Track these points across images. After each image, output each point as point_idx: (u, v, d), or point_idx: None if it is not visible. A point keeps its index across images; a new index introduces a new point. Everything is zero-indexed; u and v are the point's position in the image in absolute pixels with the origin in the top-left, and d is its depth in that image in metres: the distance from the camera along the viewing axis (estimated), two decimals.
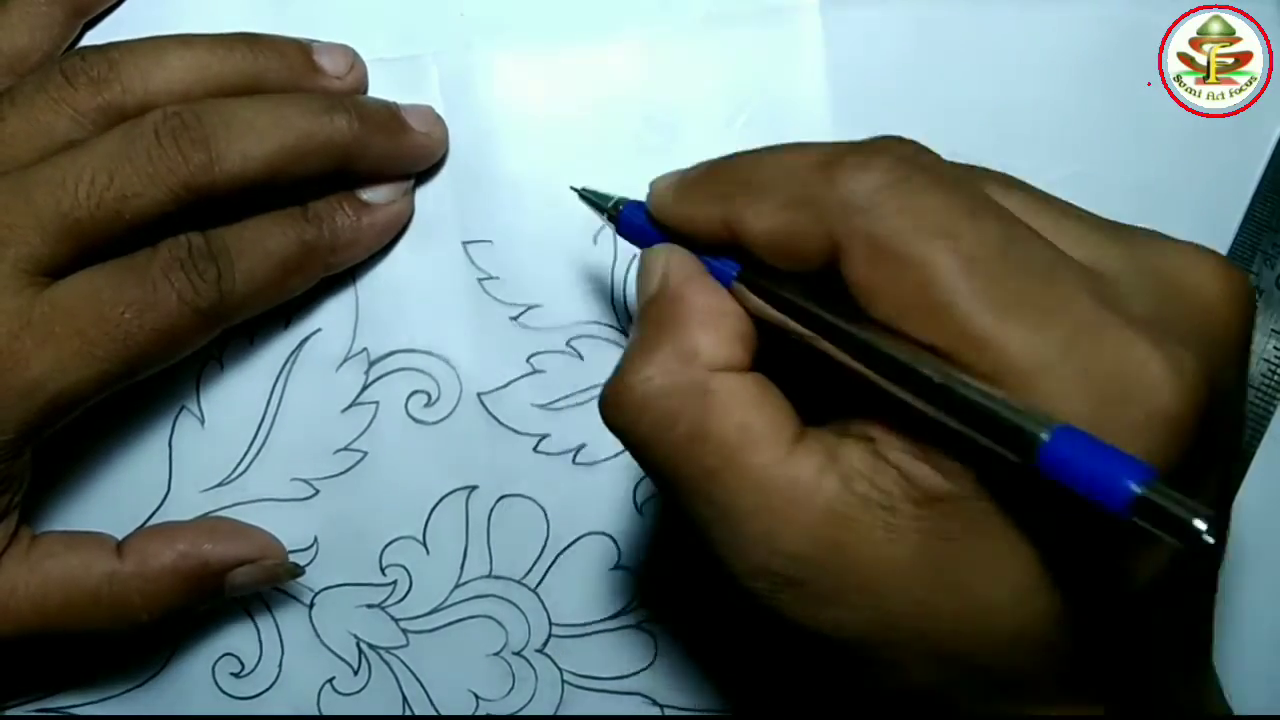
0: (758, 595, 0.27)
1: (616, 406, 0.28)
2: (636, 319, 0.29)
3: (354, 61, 0.37)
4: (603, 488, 0.39)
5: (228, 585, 0.37)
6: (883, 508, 0.25)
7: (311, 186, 0.36)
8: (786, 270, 0.27)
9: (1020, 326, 0.23)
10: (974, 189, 0.26)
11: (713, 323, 0.27)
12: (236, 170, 0.33)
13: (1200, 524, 0.20)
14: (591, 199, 0.33)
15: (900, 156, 0.25)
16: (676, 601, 0.40)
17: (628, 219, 0.32)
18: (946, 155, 0.27)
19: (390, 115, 0.36)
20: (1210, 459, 0.25)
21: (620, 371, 0.28)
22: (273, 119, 0.33)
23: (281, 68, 0.35)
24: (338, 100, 0.35)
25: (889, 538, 0.25)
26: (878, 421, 0.26)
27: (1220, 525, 0.26)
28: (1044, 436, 0.22)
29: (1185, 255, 0.26)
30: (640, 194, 0.31)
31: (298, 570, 0.39)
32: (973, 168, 0.28)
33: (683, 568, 0.39)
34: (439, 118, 0.38)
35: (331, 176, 0.35)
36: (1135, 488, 0.20)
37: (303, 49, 0.36)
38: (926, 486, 0.25)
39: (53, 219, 0.32)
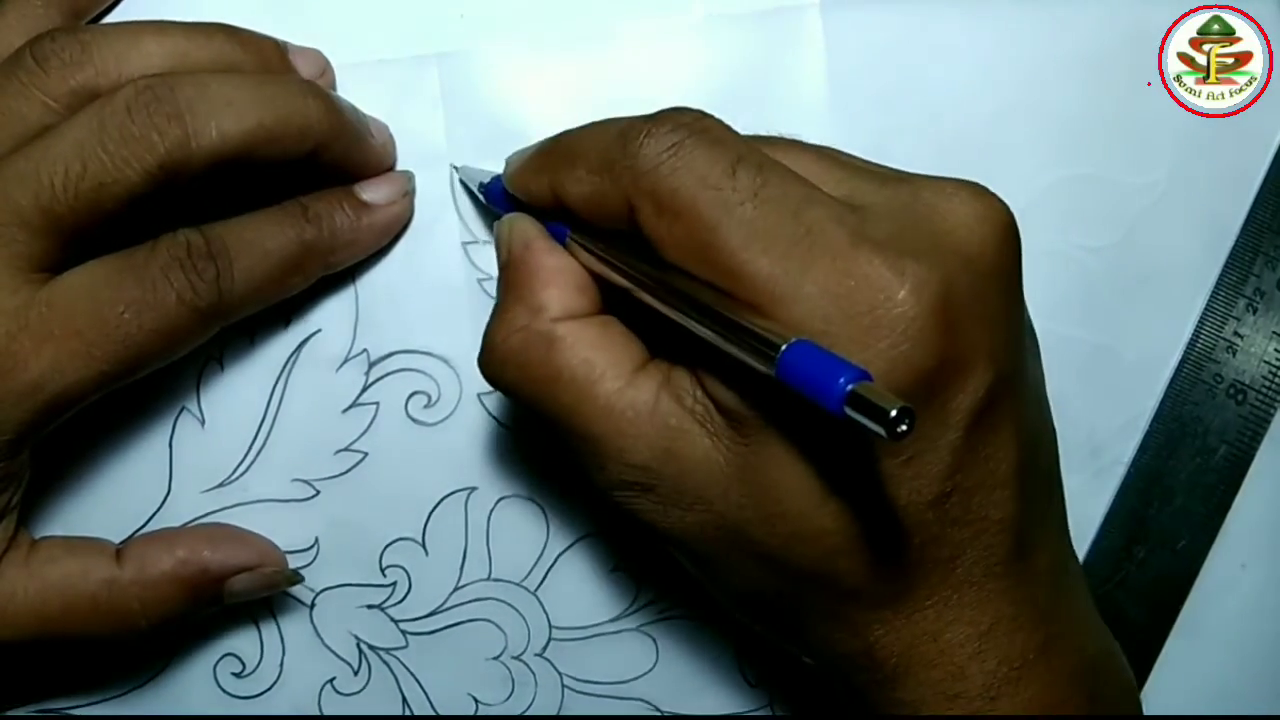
0: (620, 504, 0.31)
1: (486, 364, 0.32)
2: (497, 280, 0.34)
3: (325, 67, 0.37)
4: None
5: (227, 592, 0.37)
6: (703, 420, 0.30)
7: (304, 183, 0.36)
8: (606, 229, 0.31)
9: (767, 258, 0.27)
10: (742, 145, 0.29)
11: (553, 279, 0.32)
12: (214, 147, 0.32)
13: (894, 413, 0.22)
14: (467, 176, 0.38)
15: (679, 124, 0.29)
16: (677, 604, 0.40)
17: (492, 189, 0.36)
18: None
19: (357, 115, 0.36)
20: (966, 361, 0.28)
21: (486, 333, 0.32)
22: (251, 96, 0.33)
23: (258, 61, 0.35)
24: (313, 86, 0.35)
25: (712, 446, 0.29)
26: (697, 351, 0.30)
27: (1009, 402, 0.29)
28: (781, 348, 0.25)
29: (937, 187, 0.30)
30: None
31: (296, 577, 0.38)
32: (763, 135, 0.32)
33: (684, 570, 0.39)
34: (392, 135, 0.38)
35: (302, 169, 0.35)
36: (846, 385, 0.23)
37: (278, 46, 0.36)
38: (726, 404, 0.29)
39: (34, 215, 0.31)
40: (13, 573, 0.34)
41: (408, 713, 0.40)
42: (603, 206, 0.30)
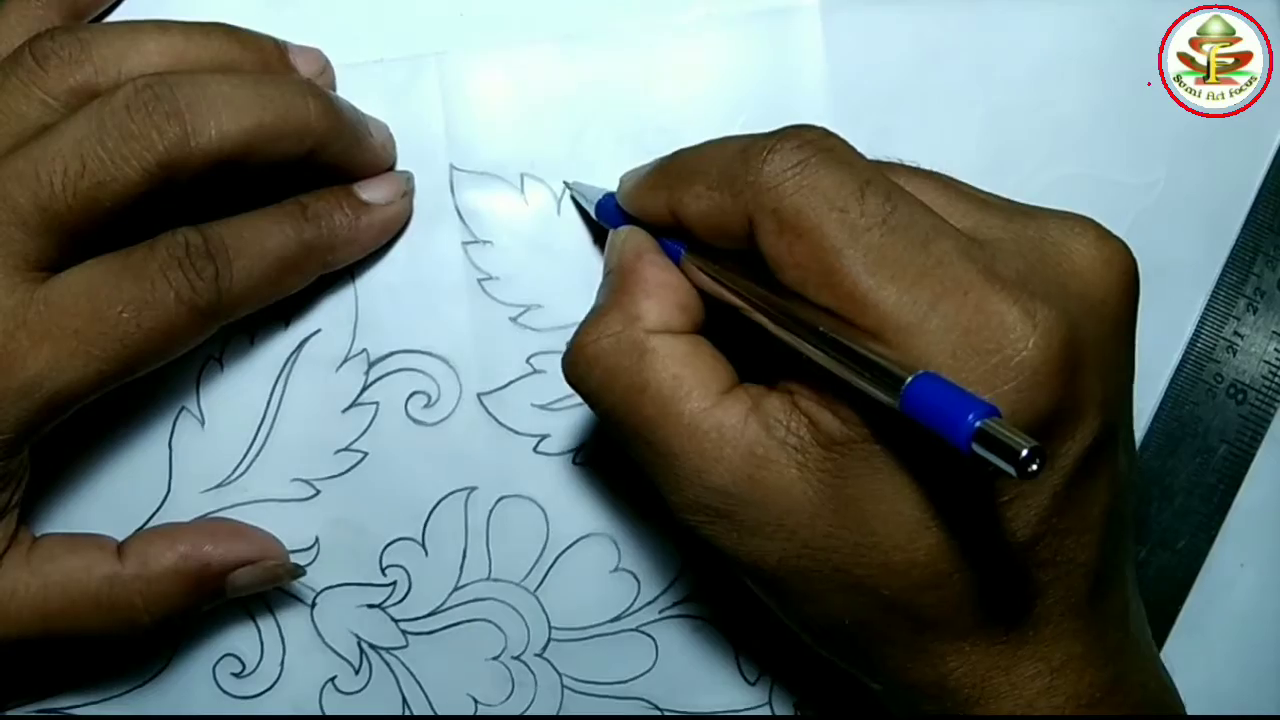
0: (695, 527, 0.31)
1: (572, 364, 0.32)
2: (599, 288, 0.33)
3: (325, 66, 0.37)
4: (603, 489, 0.39)
5: (229, 586, 0.37)
6: (795, 449, 0.29)
7: (303, 182, 0.36)
8: (723, 249, 0.31)
9: (894, 287, 0.27)
10: (868, 170, 0.29)
11: (657, 292, 0.32)
12: (213, 146, 0.32)
13: (1026, 453, 0.22)
14: (579, 191, 0.38)
15: (805, 141, 0.29)
16: (678, 604, 0.40)
17: (604, 206, 0.36)
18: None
19: (356, 115, 0.36)
20: (1081, 409, 0.28)
21: (577, 333, 0.32)
22: (250, 95, 0.33)
23: (257, 60, 0.35)
24: (313, 86, 0.35)
25: (801, 476, 0.29)
26: (797, 377, 0.30)
27: (1112, 451, 0.30)
28: (906, 380, 0.24)
29: (1065, 226, 0.30)
30: None
31: (299, 571, 0.39)
32: (883, 161, 0.31)
33: (684, 570, 0.39)
34: (391, 134, 0.38)
35: (300, 169, 0.35)
36: (975, 422, 0.23)
37: (278, 45, 0.36)
38: (829, 431, 0.28)
39: (33, 214, 0.31)
40: (14, 570, 0.35)
41: (407, 713, 0.40)
42: (721, 224, 0.30)
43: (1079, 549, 0.29)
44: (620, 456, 0.39)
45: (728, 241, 0.30)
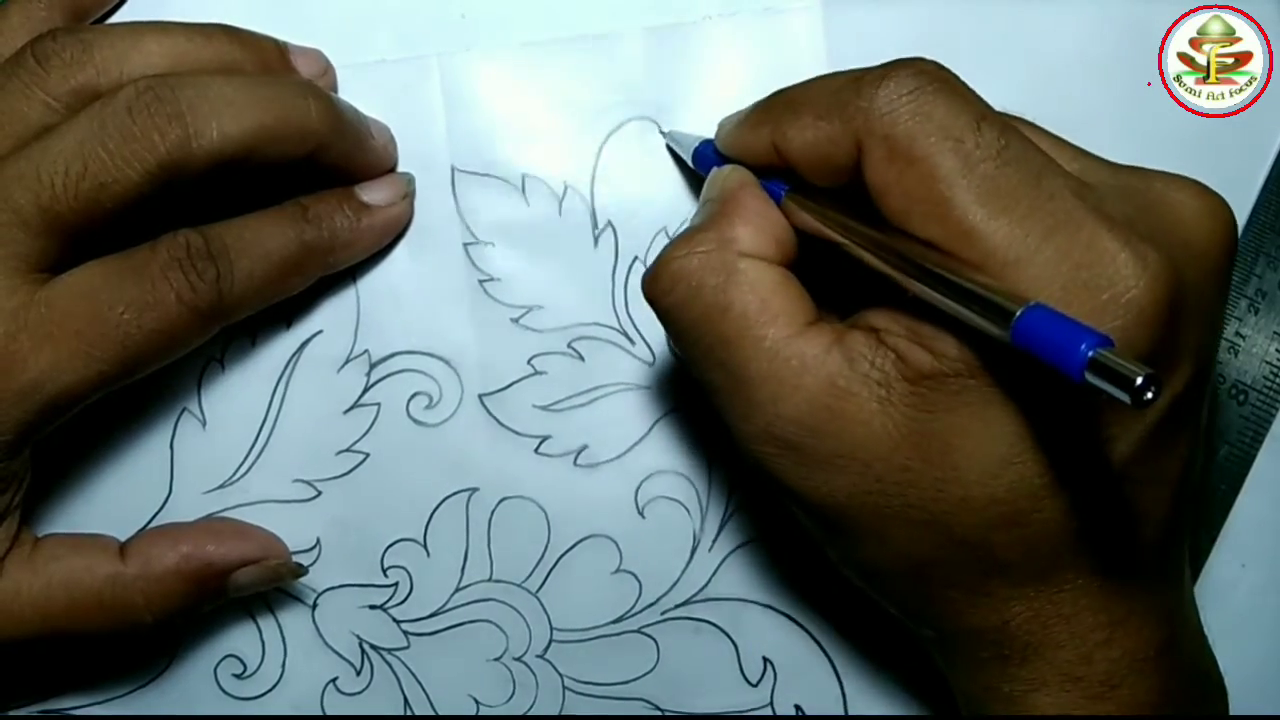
0: (761, 459, 0.31)
1: (655, 278, 0.31)
2: (693, 216, 0.33)
3: (326, 67, 0.37)
4: (604, 490, 0.39)
5: (231, 586, 0.37)
6: (879, 384, 0.29)
7: (304, 184, 0.36)
8: (824, 189, 0.31)
9: (1006, 220, 0.27)
10: (983, 104, 0.29)
11: (754, 220, 0.31)
12: (214, 147, 0.32)
13: (1141, 380, 0.22)
14: (675, 140, 0.38)
15: (919, 70, 0.29)
16: (680, 606, 0.40)
17: (702, 152, 0.36)
18: None
19: (357, 116, 0.37)
20: (1178, 355, 0.28)
21: (665, 249, 0.31)
22: (252, 97, 0.33)
23: (258, 62, 0.35)
24: (314, 87, 0.35)
25: (882, 409, 0.29)
26: (885, 312, 0.30)
27: (1198, 405, 0.30)
28: (1017, 312, 0.24)
29: (1167, 179, 0.30)
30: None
31: (301, 570, 0.39)
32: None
33: (685, 571, 0.39)
34: (393, 135, 0.38)
35: (303, 169, 0.35)
36: (1089, 352, 0.23)
37: (279, 46, 0.36)
38: (919, 365, 0.28)
39: (34, 215, 0.31)
40: (17, 571, 0.35)
41: (409, 713, 0.40)
42: (828, 154, 0.30)
43: (1155, 503, 0.30)
44: (622, 458, 0.39)
45: (831, 175, 0.30)
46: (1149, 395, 0.22)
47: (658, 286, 0.31)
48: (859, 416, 0.29)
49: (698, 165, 0.36)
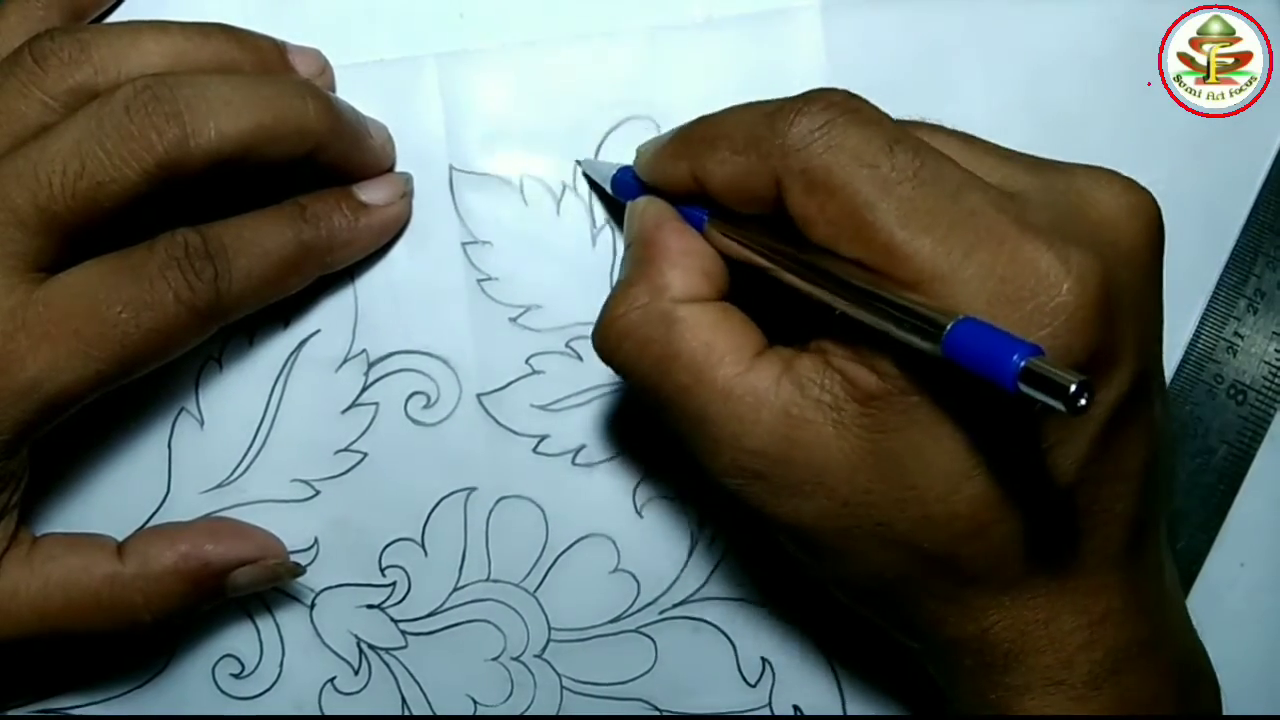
0: (733, 491, 0.31)
1: (603, 339, 0.32)
2: (621, 261, 0.34)
3: (324, 66, 0.37)
4: (602, 489, 0.39)
5: (229, 585, 0.37)
6: (831, 407, 0.29)
7: (303, 183, 0.36)
8: (746, 214, 0.31)
9: (928, 238, 0.27)
10: (895, 128, 0.29)
11: (681, 261, 0.32)
12: (212, 147, 0.32)
13: (1075, 387, 0.22)
14: (591, 168, 0.38)
15: (831, 103, 0.29)
16: (678, 605, 0.40)
17: (621, 180, 0.36)
18: None
19: (356, 116, 0.36)
20: (1116, 353, 0.28)
21: (605, 308, 0.32)
22: (250, 96, 0.33)
23: (257, 61, 0.35)
24: (312, 87, 0.35)
25: (837, 433, 0.29)
26: (828, 336, 0.30)
27: (1147, 399, 0.30)
28: (947, 326, 0.25)
29: (1091, 177, 0.30)
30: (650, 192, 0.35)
31: (299, 569, 0.39)
32: (907, 120, 0.31)
33: (684, 571, 0.39)
34: (391, 135, 0.38)
35: (301, 168, 0.35)
36: (1020, 362, 0.23)
37: (277, 46, 0.36)
38: (865, 386, 0.29)
39: (31, 214, 0.31)
40: (14, 570, 0.35)
41: (407, 713, 0.40)
42: (747, 188, 0.30)
43: (1117, 499, 0.30)
44: (620, 457, 0.39)
45: (753, 205, 0.31)
46: (1083, 401, 0.22)
47: (606, 346, 0.32)
48: (816, 442, 0.29)
49: (617, 193, 0.36)
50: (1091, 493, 0.29)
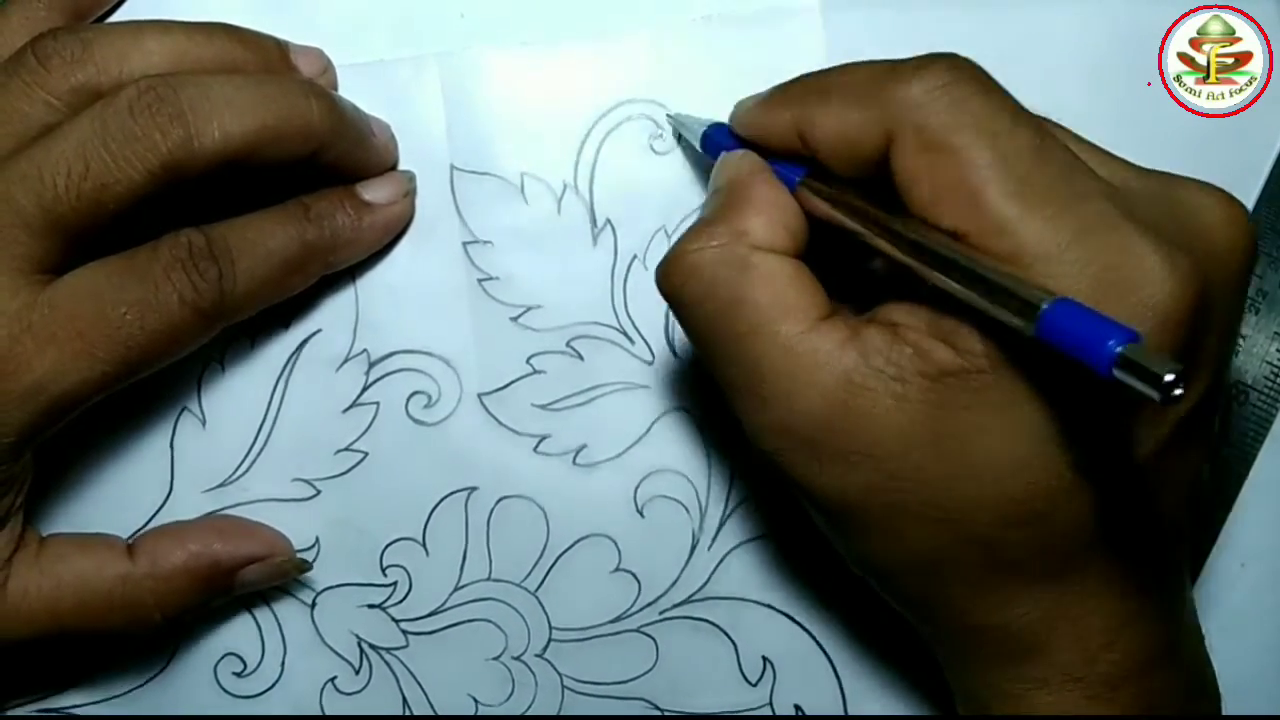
0: (774, 454, 0.30)
1: (669, 272, 0.31)
2: (703, 205, 0.33)
3: (326, 66, 0.37)
4: (603, 489, 0.39)
5: (238, 583, 0.37)
6: (894, 380, 0.28)
7: (306, 183, 0.36)
8: (843, 175, 0.31)
9: (1038, 217, 0.27)
10: (1018, 103, 0.29)
11: (765, 210, 0.31)
12: (216, 147, 0.32)
13: (1171, 376, 0.22)
14: (681, 123, 0.38)
15: (955, 65, 0.29)
16: (679, 605, 0.40)
17: (713, 137, 0.35)
18: None
19: (359, 115, 0.37)
20: (1198, 362, 0.28)
21: (678, 242, 0.31)
22: (253, 96, 0.33)
23: (259, 61, 0.35)
24: (315, 86, 0.35)
25: (897, 406, 0.28)
26: (902, 306, 0.29)
27: (1212, 413, 0.30)
28: (1044, 307, 0.24)
29: (1193, 186, 0.30)
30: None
31: (305, 565, 0.39)
32: None
33: (685, 571, 0.39)
34: (393, 134, 0.38)
35: (305, 168, 0.35)
36: (1117, 347, 0.23)
37: (280, 46, 0.36)
38: (939, 361, 0.28)
39: (36, 216, 0.31)
40: (24, 571, 0.35)
41: (408, 713, 0.40)
42: (855, 143, 0.30)
43: (1167, 507, 0.30)
44: (621, 457, 0.39)
45: (855, 164, 0.30)
46: (1178, 391, 0.22)
47: (672, 280, 0.31)
48: (874, 412, 0.29)
49: (706, 149, 0.36)
50: (1150, 494, 0.29)
